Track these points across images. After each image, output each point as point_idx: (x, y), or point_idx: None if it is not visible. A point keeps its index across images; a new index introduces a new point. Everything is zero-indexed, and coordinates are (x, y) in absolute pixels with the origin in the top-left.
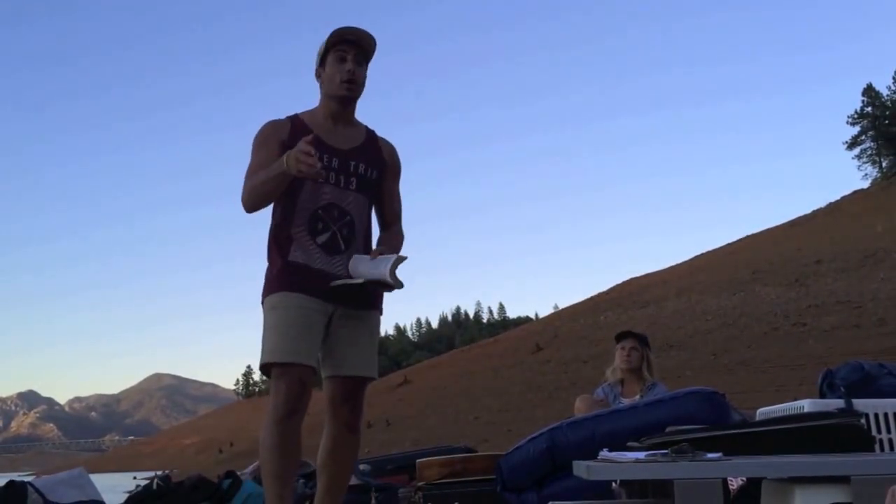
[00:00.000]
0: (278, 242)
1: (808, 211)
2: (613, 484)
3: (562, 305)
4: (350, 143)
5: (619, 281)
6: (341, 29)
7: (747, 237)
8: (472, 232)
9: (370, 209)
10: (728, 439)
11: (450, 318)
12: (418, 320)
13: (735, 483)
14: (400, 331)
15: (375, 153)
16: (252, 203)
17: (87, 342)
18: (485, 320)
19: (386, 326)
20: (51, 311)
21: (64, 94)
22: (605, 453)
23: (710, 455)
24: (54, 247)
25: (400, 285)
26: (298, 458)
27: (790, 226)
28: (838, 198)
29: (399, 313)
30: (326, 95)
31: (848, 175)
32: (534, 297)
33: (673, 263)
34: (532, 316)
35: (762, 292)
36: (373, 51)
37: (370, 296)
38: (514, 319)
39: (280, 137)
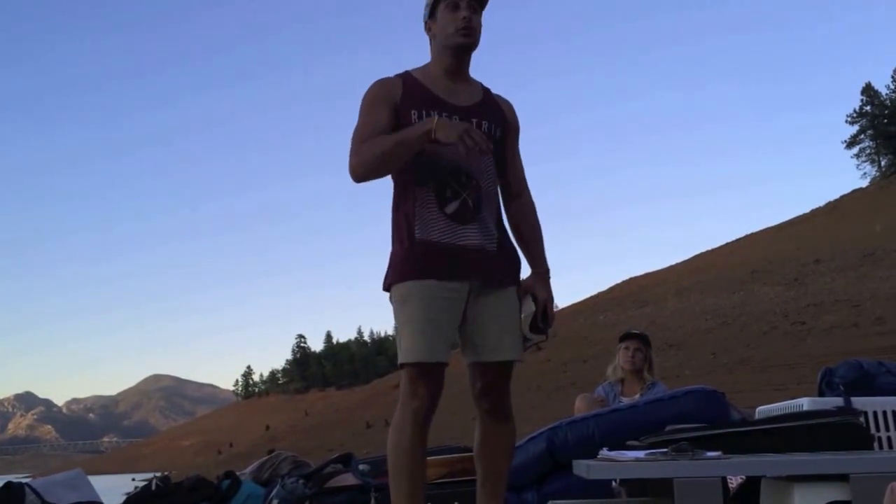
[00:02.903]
0: (403, 217)
1: (807, 210)
2: (613, 483)
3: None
4: (470, 99)
5: (619, 280)
6: None
7: (746, 236)
8: None
9: (498, 170)
10: (727, 438)
11: None
12: None
13: (734, 481)
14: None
15: (497, 110)
16: (371, 169)
17: (84, 343)
18: None
19: (385, 326)
20: (48, 311)
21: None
22: (604, 452)
23: (709, 454)
24: (52, 247)
25: (539, 338)
26: (425, 466)
27: (789, 225)
28: (837, 197)
29: None
30: (441, 48)
31: (847, 174)
32: None
33: (672, 263)
34: None
35: (761, 291)
36: None
37: (510, 269)
38: None
39: (393, 98)
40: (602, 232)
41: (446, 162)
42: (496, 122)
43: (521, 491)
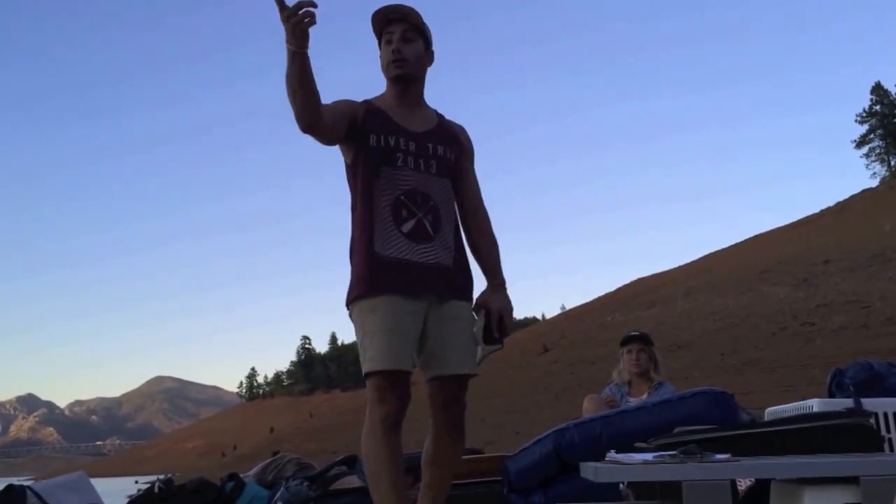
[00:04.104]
0: (362, 236)
1: (816, 210)
2: (621, 485)
3: (568, 306)
4: (425, 125)
5: (627, 281)
6: (381, 10)
7: (755, 237)
8: None
9: (456, 192)
10: (737, 440)
11: None
12: None
13: (744, 484)
14: None
15: (450, 135)
16: (292, 102)
17: (87, 344)
18: None
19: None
20: (50, 312)
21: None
22: (612, 454)
23: (718, 456)
24: (54, 248)
25: (494, 348)
26: (401, 470)
27: (798, 225)
28: (846, 197)
29: None
30: (386, 80)
31: (856, 174)
32: (540, 298)
33: (680, 263)
34: (539, 317)
35: (770, 292)
36: (420, 22)
37: (465, 285)
38: (520, 320)
39: (354, 112)
40: (610, 232)
41: (402, 183)
42: (450, 146)
43: (528, 493)
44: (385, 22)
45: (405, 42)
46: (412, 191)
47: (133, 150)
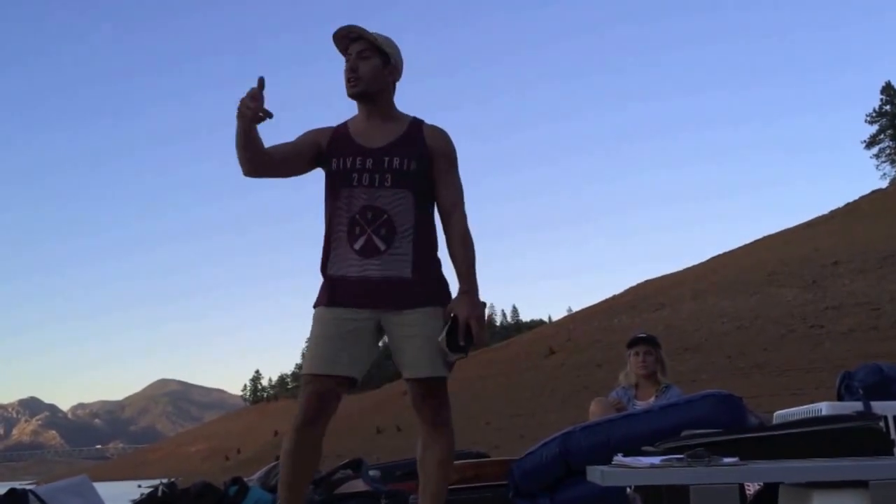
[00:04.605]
0: (323, 253)
1: (826, 211)
2: (628, 489)
3: (575, 308)
4: (385, 139)
5: (634, 283)
6: (339, 30)
7: (763, 238)
8: (484, 234)
9: (417, 202)
10: (745, 443)
11: None
12: None
13: (752, 488)
14: None
15: (415, 144)
16: (239, 158)
17: (90, 347)
18: (497, 324)
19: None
20: (53, 315)
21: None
22: (619, 458)
23: (726, 460)
24: (56, 250)
25: (458, 356)
26: (312, 466)
27: (807, 226)
28: (856, 198)
29: None
30: None
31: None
32: (547, 300)
33: (688, 265)
34: (545, 319)
35: (778, 294)
36: (368, 37)
37: (427, 292)
38: (527, 323)
39: (319, 143)
40: (617, 234)
41: (357, 202)
42: (411, 155)
43: (534, 498)
44: (346, 42)
45: (361, 60)
46: (364, 208)
47: (134, 151)
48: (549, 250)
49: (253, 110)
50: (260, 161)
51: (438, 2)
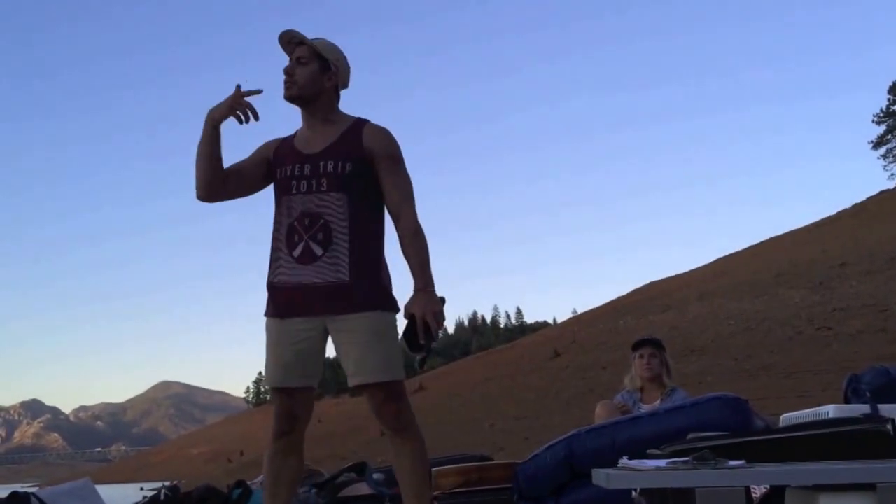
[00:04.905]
0: (268, 263)
1: (833, 212)
2: (633, 492)
3: (580, 310)
4: (322, 143)
5: (639, 285)
6: (282, 35)
7: (770, 239)
8: (489, 235)
9: (354, 204)
10: (751, 446)
11: (466, 323)
12: None
13: (758, 491)
14: None
15: (351, 146)
16: (195, 168)
17: (92, 350)
18: (502, 325)
19: (400, 331)
20: (55, 317)
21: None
22: (624, 461)
23: (732, 462)
24: (59, 253)
25: (419, 355)
26: (295, 472)
27: (814, 227)
28: (864, 198)
29: None
30: None
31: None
32: (552, 302)
33: (694, 267)
34: (550, 321)
35: (785, 296)
36: (304, 40)
37: (366, 295)
38: (531, 325)
39: (266, 155)
40: (622, 235)
41: (295, 209)
42: (347, 157)
43: (540, 501)
44: (292, 46)
45: (299, 65)
46: (302, 214)
47: (136, 151)
48: (554, 252)
49: (242, 105)
50: (212, 184)
51: None
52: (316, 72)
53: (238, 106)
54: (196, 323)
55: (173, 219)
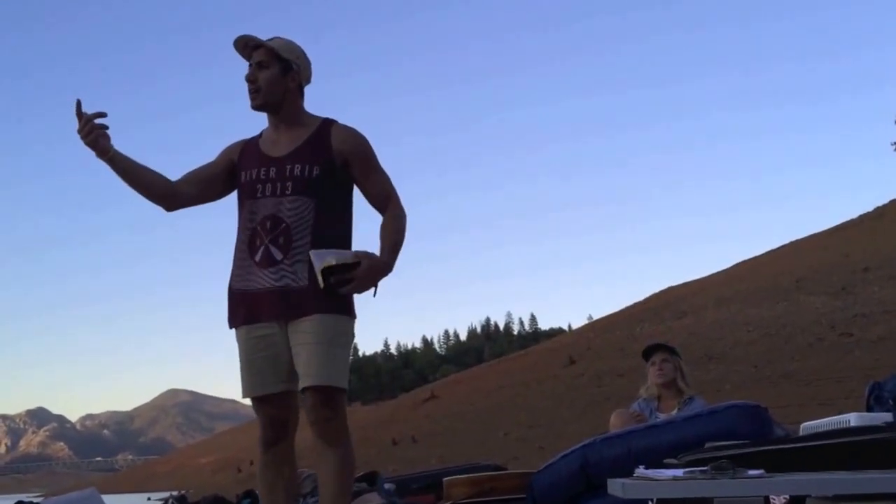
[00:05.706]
0: (231, 270)
1: (855, 215)
2: (650, 502)
3: (596, 316)
4: (289, 147)
5: (656, 290)
6: (238, 40)
7: (790, 243)
8: (502, 241)
9: (319, 208)
10: (770, 455)
11: (479, 329)
12: (446, 332)
13: (777, 501)
14: (427, 343)
15: (319, 148)
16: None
17: (99, 357)
18: (515, 332)
19: (413, 339)
20: (61, 324)
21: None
22: (641, 470)
23: (751, 472)
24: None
25: (327, 280)
26: (288, 480)
27: (835, 231)
28: (886, 202)
29: (426, 325)
30: None
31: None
32: (566, 308)
33: (712, 272)
34: (565, 327)
35: (806, 301)
36: (260, 42)
37: (321, 299)
38: (545, 331)
39: (231, 158)
40: (638, 240)
41: (259, 213)
42: (314, 160)
43: None
44: (249, 50)
45: (260, 70)
46: (265, 218)
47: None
48: (568, 257)
49: (92, 134)
50: (164, 194)
51: None
52: (277, 74)
53: (86, 138)
54: (204, 329)
55: (180, 223)
